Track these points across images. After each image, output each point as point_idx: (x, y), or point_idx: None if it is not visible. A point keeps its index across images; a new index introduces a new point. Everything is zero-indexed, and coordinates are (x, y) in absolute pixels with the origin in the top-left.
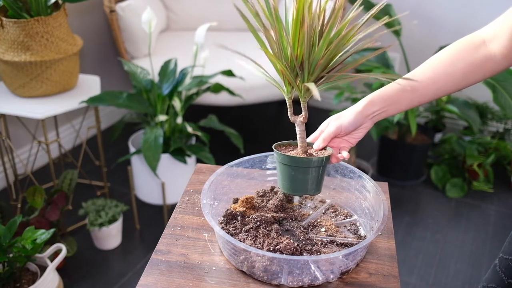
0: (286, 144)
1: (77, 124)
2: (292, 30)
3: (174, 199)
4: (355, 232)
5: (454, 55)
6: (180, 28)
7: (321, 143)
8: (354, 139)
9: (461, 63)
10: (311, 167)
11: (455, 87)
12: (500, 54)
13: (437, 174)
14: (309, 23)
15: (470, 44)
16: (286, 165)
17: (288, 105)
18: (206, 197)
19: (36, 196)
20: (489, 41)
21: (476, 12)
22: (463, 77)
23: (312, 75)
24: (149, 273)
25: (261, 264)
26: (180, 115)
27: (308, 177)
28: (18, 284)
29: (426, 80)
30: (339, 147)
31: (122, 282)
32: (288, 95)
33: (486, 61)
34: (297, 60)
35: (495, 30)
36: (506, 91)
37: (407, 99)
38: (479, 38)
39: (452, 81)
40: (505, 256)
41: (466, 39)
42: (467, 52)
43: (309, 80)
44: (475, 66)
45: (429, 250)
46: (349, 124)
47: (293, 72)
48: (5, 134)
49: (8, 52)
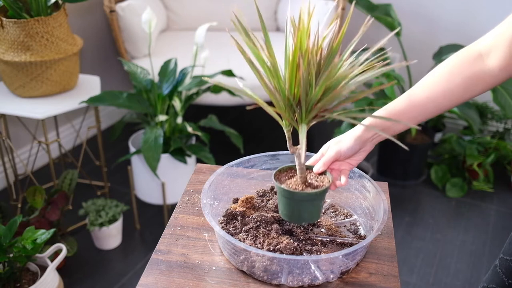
0: (287, 168)
1: (77, 124)
2: (288, 73)
3: (174, 199)
4: (355, 232)
5: (452, 71)
6: (180, 28)
7: (321, 167)
8: (355, 161)
9: (459, 78)
10: (307, 200)
11: (455, 102)
12: (497, 67)
13: (437, 174)
14: (305, 67)
15: (466, 58)
16: (283, 196)
17: (287, 137)
18: (206, 197)
19: (36, 196)
20: (486, 54)
21: (476, 12)
22: (463, 92)
23: (310, 113)
24: (149, 273)
25: (261, 264)
26: (180, 115)
27: (303, 209)
28: (19, 284)
29: (425, 100)
30: (340, 170)
31: (122, 282)
32: (286, 128)
33: (483, 74)
34: (294, 99)
35: (491, 42)
36: (506, 91)
37: (406, 120)
38: (475, 51)
39: (450, 96)
40: (505, 257)
41: (463, 53)
42: (463, 67)
43: (307, 118)
44: (474, 80)
45: (429, 250)
46: (348, 150)
47: (291, 109)
48: (5, 134)
49: (8, 52)
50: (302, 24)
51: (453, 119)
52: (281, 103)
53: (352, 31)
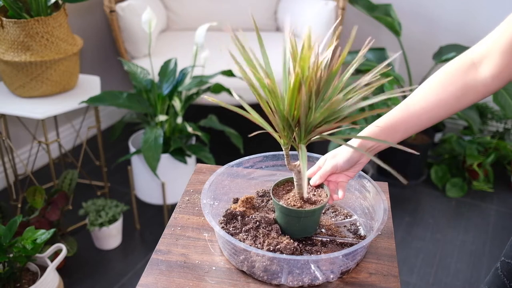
0: (284, 181)
1: (77, 124)
2: (288, 96)
3: (174, 199)
4: (355, 232)
5: (445, 81)
6: (180, 28)
7: (317, 180)
8: (353, 173)
9: (452, 87)
10: (302, 217)
11: (448, 112)
12: (490, 76)
13: (437, 174)
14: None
15: (459, 67)
16: (281, 212)
17: (285, 154)
18: (206, 197)
19: (36, 196)
20: (479, 63)
21: (476, 12)
22: (456, 101)
23: (309, 135)
24: (149, 273)
25: (261, 264)
26: (180, 115)
27: (298, 224)
28: (19, 284)
29: (419, 110)
30: (337, 182)
31: (122, 282)
32: (284, 146)
33: (476, 83)
34: (293, 120)
35: (485, 50)
36: (506, 91)
37: (400, 132)
38: (469, 60)
39: (444, 106)
40: (507, 260)
41: (456, 61)
42: (456, 76)
43: (306, 138)
44: (467, 90)
45: (429, 250)
46: (344, 164)
47: (289, 129)
48: (5, 134)
49: (8, 52)
50: (304, 51)
51: (453, 119)
52: (280, 123)
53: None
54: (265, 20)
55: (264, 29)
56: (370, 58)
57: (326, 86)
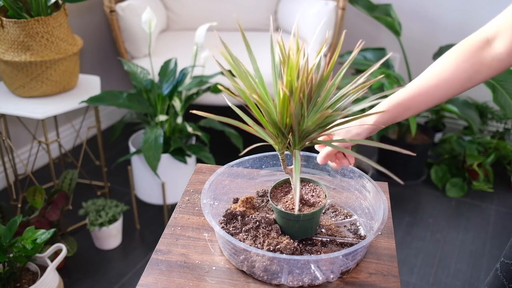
0: (282, 183)
1: (77, 124)
2: (279, 105)
3: (174, 199)
4: (355, 232)
5: (457, 58)
6: (180, 28)
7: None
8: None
9: (466, 64)
10: (301, 220)
11: (460, 89)
12: (505, 52)
13: (437, 174)
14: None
15: (473, 44)
16: (280, 215)
17: (281, 159)
18: (206, 197)
19: (36, 196)
20: (493, 39)
21: (476, 12)
22: (468, 78)
23: (303, 141)
24: (149, 273)
25: (261, 264)
26: (180, 115)
27: (298, 226)
28: (19, 284)
29: (432, 87)
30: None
31: (122, 282)
32: (280, 151)
33: (491, 60)
34: (286, 128)
35: (498, 27)
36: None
37: (412, 109)
38: (483, 37)
39: (458, 83)
40: (506, 261)
41: (469, 40)
42: (470, 53)
43: (300, 144)
44: (481, 66)
45: (429, 250)
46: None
47: (283, 136)
48: (5, 134)
49: (8, 52)
50: (291, 60)
51: (453, 119)
52: (273, 131)
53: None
54: (265, 20)
55: (264, 29)
56: (370, 58)
57: (319, 90)
